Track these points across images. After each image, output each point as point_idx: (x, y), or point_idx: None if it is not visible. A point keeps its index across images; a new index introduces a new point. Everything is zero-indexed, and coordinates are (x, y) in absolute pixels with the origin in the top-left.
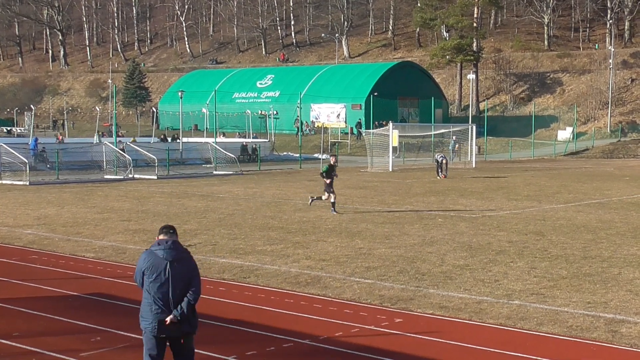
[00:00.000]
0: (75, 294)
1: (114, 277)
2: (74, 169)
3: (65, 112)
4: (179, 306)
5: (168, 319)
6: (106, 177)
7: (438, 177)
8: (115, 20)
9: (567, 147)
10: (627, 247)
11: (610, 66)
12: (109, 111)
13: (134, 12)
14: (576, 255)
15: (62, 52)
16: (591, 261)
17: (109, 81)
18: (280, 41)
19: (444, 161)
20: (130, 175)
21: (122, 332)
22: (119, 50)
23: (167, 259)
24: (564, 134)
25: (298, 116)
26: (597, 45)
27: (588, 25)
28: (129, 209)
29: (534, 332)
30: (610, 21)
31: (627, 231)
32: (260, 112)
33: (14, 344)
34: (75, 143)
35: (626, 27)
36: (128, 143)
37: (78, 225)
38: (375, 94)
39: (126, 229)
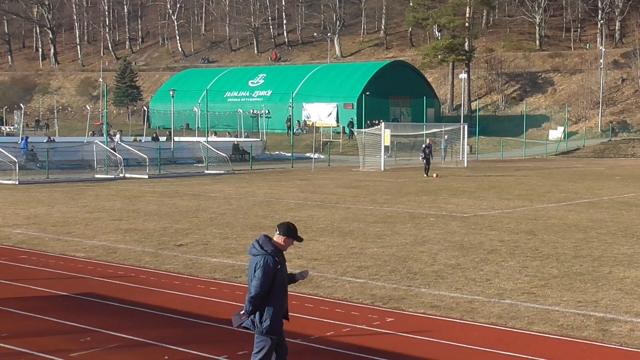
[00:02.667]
0: (65, 294)
1: (104, 277)
2: (65, 168)
3: (55, 111)
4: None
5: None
6: (97, 176)
7: (425, 176)
8: (107, 18)
9: (558, 146)
10: (617, 246)
11: (601, 66)
12: (100, 110)
13: (125, 10)
14: (567, 254)
15: (52, 51)
16: (582, 260)
17: (100, 80)
18: (273, 40)
19: (428, 151)
20: (121, 175)
21: (113, 332)
22: (110, 48)
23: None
24: (556, 133)
25: (290, 115)
26: (588, 45)
27: (579, 25)
28: (119, 209)
29: (525, 331)
30: (601, 21)
31: (618, 230)
32: (252, 111)
33: (2, 344)
34: (65, 142)
35: (617, 27)
36: (118, 142)
37: (68, 224)
38: (367, 93)
39: (117, 229)
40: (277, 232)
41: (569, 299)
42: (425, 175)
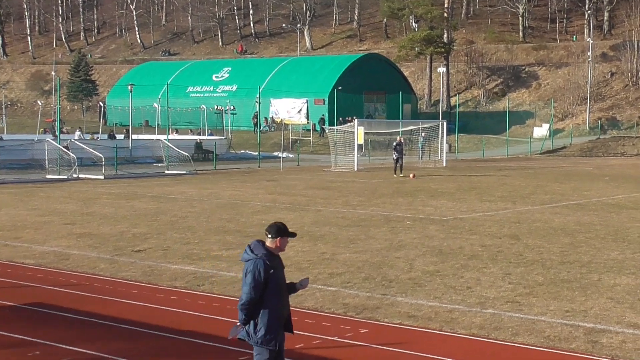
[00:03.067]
0: (12, 304)
1: (55, 286)
2: (13, 168)
3: (3, 107)
4: None
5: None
6: (48, 177)
7: (395, 176)
8: (60, 7)
9: (543, 145)
10: (607, 252)
11: (589, 59)
12: (52, 106)
13: None
14: (553, 260)
15: (0, 42)
16: (569, 266)
17: (53, 73)
18: (238, 32)
19: (400, 148)
20: (74, 175)
21: (64, 346)
22: (64, 40)
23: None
24: (540, 131)
25: (257, 112)
26: (575, 37)
27: (565, 16)
28: (73, 211)
29: (509, 343)
30: (589, 12)
31: (608, 234)
32: (216, 107)
33: None
34: (14, 140)
35: (605, 18)
36: (72, 140)
37: (17, 229)
38: (340, 88)
39: (70, 233)
40: (269, 236)
41: (555, 308)
42: (395, 175)
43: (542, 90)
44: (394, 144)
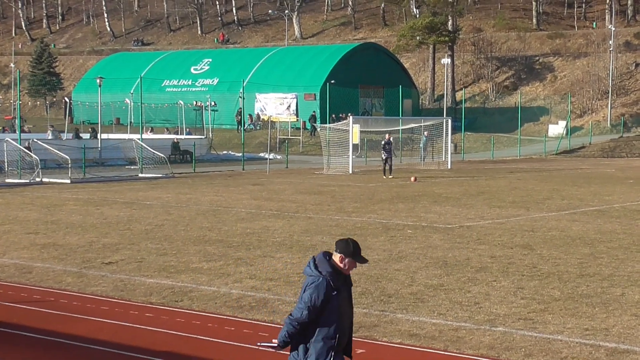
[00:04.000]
0: None
1: (16, 302)
2: None
3: None
4: None
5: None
6: (8, 180)
7: (385, 177)
8: None
9: (559, 144)
10: (631, 263)
11: (611, 48)
12: (12, 101)
13: None
14: (571, 272)
15: None
16: (589, 280)
17: (12, 65)
18: (219, 19)
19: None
20: (37, 179)
21: None
22: (24, 28)
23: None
24: (556, 129)
25: (240, 108)
26: (595, 23)
27: (584, 0)
28: (35, 220)
29: None
30: None
31: (631, 244)
32: (195, 103)
33: None
34: None
35: (629, 1)
36: (35, 140)
37: None
38: (332, 81)
39: (32, 244)
40: (335, 250)
41: (573, 326)
42: (384, 177)
43: (558, 83)
44: (382, 142)
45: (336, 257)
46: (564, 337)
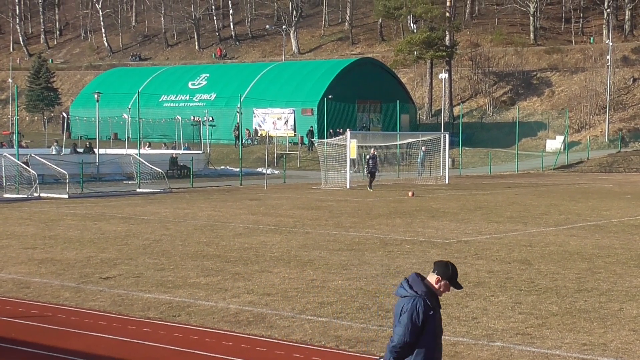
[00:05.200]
0: None
1: (14, 317)
2: None
3: None
4: None
5: None
6: (6, 196)
7: (370, 190)
8: (17, 7)
9: (557, 159)
10: (629, 278)
11: (608, 63)
12: (10, 117)
13: None
14: (569, 287)
15: None
16: (587, 295)
17: (9, 80)
18: (217, 34)
19: (372, 162)
20: (35, 194)
21: None
22: (22, 43)
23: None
24: (554, 143)
25: (238, 123)
26: (592, 38)
27: (581, 15)
28: (33, 235)
29: None
30: (608, 10)
31: (629, 259)
32: (192, 118)
33: None
34: None
35: (626, 17)
36: (32, 155)
37: None
38: (330, 96)
39: (30, 259)
40: (432, 271)
41: (571, 341)
42: (370, 190)
43: (555, 98)
44: (367, 157)
45: (432, 278)
46: (562, 352)
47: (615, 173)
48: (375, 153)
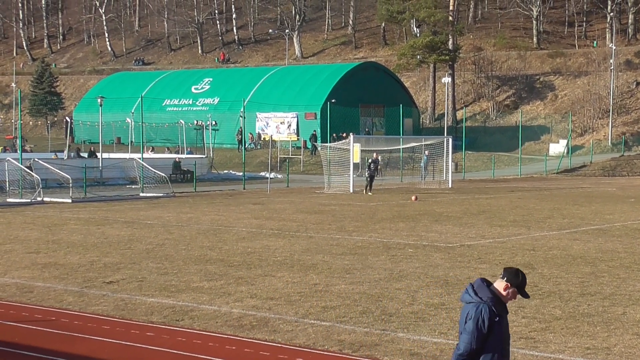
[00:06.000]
0: None
1: (17, 322)
2: None
3: None
4: None
5: None
6: (9, 200)
7: (365, 193)
8: (20, 11)
9: (560, 163)
10: (632, 282)
11: (611, 67)
12: (13, 121)
13: (43, 2)
14: (572, 291)
15: None
16: (590, 299)
17: (13, 85)
18: (220, 38)
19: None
20: (38, 199)
21: None
22: (25, 47)
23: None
24: (557, 147)
25: (241, 127)
26: (595, 42)
27: (584, 19)
28: (37, 239)
29: None
30: (611, 14)
31: (633, 263)
32: (195, 122)
33: None
34: None
35: (630, 21)
36: (37, 160)
37: None
38: (333, 100)
39: (33, 263)
40: (501, 277)
41: (575, 345)
42: (364, 193)
43: (558, 102)
44: (369, 161)
45: (500, 285)
46: (566, 356)
47: (619, 177)
48: (379, 158)
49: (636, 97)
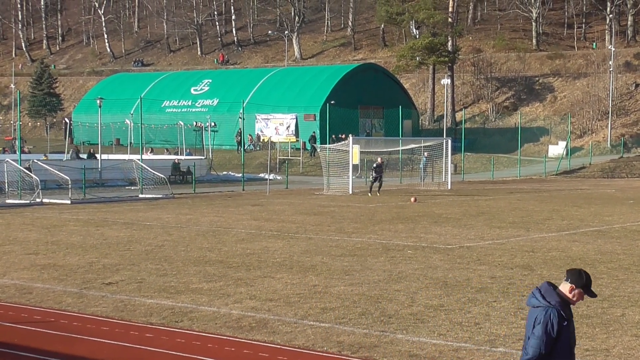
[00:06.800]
0: None
1: (16, 323)
2: None
3: None
4: None
5: None
6: (8, 201)
7: (369, 195)
8: (19, 12)
9: (559, 164)
10: (631, 284)
11: (611, 69)
12: (12, 122)
13: (42, 3)
14: None
15: None
16: (589, 300)
17: (12, 86)
18: (219, 39)
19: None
20: (37, 200)
21: None
22: (24, 49)
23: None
24: (556, 149)
25: (240, 129)
26: (594, 44)
27: (584, 20)
28: (36, 240)
29: None
30: (611, 16)
31: (632, 264)
32: (195, 123)
33: None
34: None
35: (629, 22)
36: (35, 161)
37: None
38: (332, 102)
39: (32, 264)
40: (565, 279)
41: None
42: (369, 194)
43: (558, 104)
44: (374, 165)
45: (565, 287)
46: None
47: (618, 178)
48: (383, 162)
49: (635, 99)
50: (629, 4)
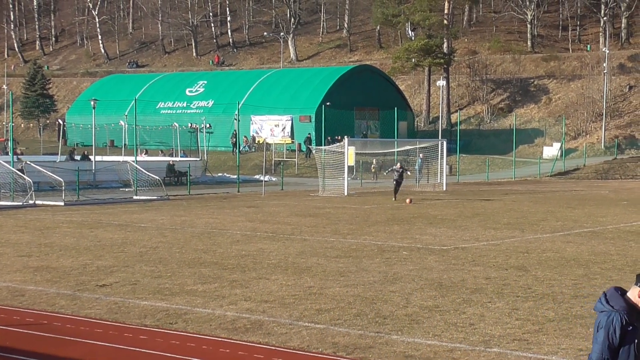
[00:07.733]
0: None
1: (9, 325)
2: None
3: None
4: None
5: None
6: (0, 203)
7: (394, 200)
8: (12, 13)
9: (554, 166)
10: (625, 284)
11: (605, 71)
12: (5, 124)
13: (35, 3)
14: (565, 293)
15: None
16: (583, 301)
17: (4, 87)
18: (214, 41)
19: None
20: (30, 202)
21: None
22: (17, 49)
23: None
24: (551, 150)
25: (235, 130)
26: (589, 46)
27: (578, 23)
28: (28, 242)
29: None
30: (605, 18)
31: (625, 265)
32: (190, 125)
33: None
34: None
35: (623, 25)
36: (28, 163)
37: None
38: (328, 103)
39: (25, 267)
40: (635, 284)
41: (568, 346)
42: (394, 199)
43: (552, 105)
44: (395, 170)
45: (634, 292)
46: (559, 358)
47: (612, 180)
48: (402, 167)
49: (629, 101)
50: (623, 7)
